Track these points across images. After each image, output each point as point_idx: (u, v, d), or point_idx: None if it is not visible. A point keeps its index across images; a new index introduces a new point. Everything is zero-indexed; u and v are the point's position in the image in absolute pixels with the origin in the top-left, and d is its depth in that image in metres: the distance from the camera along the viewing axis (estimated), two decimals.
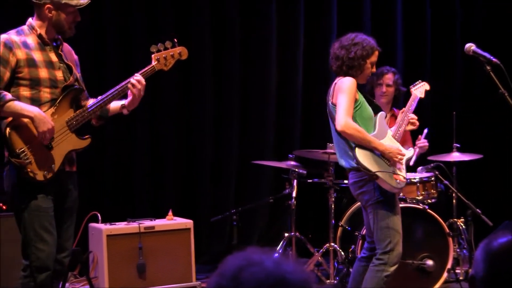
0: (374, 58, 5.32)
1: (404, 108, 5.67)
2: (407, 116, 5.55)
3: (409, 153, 5.49)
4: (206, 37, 7.88)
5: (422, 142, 6.13)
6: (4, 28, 4.68)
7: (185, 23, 7.79)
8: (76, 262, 6.21)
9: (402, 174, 5.27)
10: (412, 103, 5.67)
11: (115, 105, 4.84)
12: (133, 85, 4.73)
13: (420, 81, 5.92)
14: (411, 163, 6.47)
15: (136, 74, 4.77)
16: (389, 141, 5.30)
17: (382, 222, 5.18)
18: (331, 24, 8.40)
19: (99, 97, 4.75)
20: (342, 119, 5.07)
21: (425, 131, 6.29)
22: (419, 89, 5.81)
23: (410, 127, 5.60)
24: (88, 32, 7.25)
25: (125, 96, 4.81)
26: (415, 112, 5.65)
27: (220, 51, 8.02)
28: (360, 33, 5.40)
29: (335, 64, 5.31)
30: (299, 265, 1.88)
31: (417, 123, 5.60)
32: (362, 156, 5.12)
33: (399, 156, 5.24)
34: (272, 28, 8.19)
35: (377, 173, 5.08)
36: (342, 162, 5.31)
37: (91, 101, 4.82)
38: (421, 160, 6.57)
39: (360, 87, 5.36)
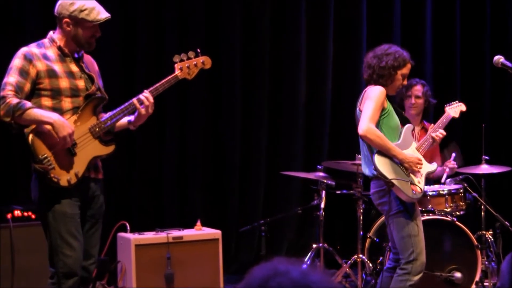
0: (405, 70, 5.33)
1: (433, 125, 5.75)
2: (435, 131, 5.61)
3: (431, 167, 5.47)
4: (237, 46, 7.92)
5: (452, 163, 6.76)
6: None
7: (215, 34, 7.84)
8: (105, 272, 6.26)
9: (420, 185, 5.27)
10: (443, 121, 5.78)
11: (121, 120, 4.80)
12: (141, 101, 4.71)
13: (457, 101, 6.01)
14: (442, 180, 6.57)
15: (145, 91, 4.75)
16: (411, 152, 5.32)
17: (403, 232, 5.19)
18: (360, 36, 8.40)
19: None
20: (365, 124, 5.10)
21: (453, 155, 6.80)
22: (454, 109, 5.92)
23: (431, 141, 5.61)
24: (117, 38, 7.34)
25: (134, 112, 4.78)
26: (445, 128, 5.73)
27: (249, 61, 8.04)
28: (394, 45, 5.46)
29: (366, 72, 5.36)
30: (326, 276, 1.89)
31: (440, 137, 5.63)
32: (380, 162, 5.14)
33: (418, 166, 5.26)
34: (302, 39, 8.21)
35: (393, 181, 5.09)
36: (366, 171, 5.35)
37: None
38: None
39: (390, 99, 5.38)
